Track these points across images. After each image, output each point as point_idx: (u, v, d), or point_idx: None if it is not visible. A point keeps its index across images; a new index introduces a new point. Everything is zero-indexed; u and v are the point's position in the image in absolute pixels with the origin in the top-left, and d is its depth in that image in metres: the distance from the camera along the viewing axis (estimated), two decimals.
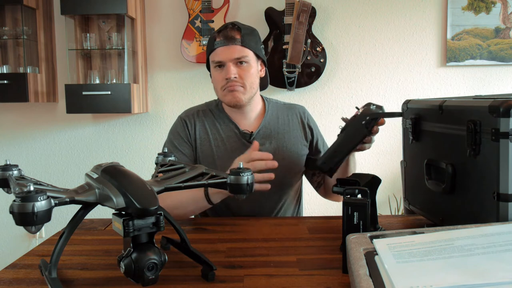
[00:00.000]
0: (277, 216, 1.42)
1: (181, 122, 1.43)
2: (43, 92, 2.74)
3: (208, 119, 1.42)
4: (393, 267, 0.67)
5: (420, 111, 1.13)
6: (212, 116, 1.43)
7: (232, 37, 1.30)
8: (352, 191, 0.87)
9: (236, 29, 1.32)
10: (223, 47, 1.30)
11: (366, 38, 2.85)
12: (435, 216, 1.08)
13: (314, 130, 1.48)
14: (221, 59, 1.31)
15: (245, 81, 1.32)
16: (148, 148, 2.91)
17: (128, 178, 0.80)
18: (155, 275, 0.73)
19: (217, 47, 1.31)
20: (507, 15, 2.77)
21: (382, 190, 2.80)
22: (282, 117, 1.45)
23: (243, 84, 1.32)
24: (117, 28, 2.79)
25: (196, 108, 1.47)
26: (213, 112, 1.44)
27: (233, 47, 1.30)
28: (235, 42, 1.30)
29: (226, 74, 1.30)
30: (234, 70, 1.30)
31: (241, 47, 1.30)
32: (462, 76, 2.85)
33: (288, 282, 0.82)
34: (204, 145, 1.39)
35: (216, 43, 1.31)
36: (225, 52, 1.30)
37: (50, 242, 1.08)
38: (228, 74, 1.30)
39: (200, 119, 1.43)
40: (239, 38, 1.31)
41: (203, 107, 1.47)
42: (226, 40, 1.30)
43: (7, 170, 0.89)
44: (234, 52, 1.30)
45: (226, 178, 0.87)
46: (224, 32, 1.31)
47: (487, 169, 0.85)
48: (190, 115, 1.44)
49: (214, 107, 1.45)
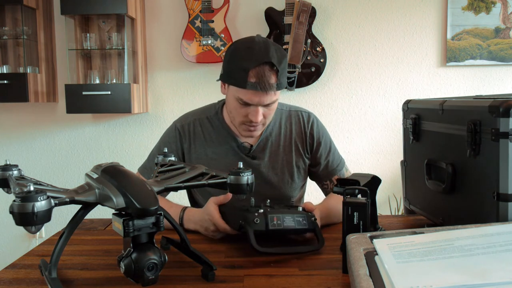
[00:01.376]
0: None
1: (174, 133, 1.35)
2: (43, 92, 2.74)
3: (205, 130, 1.33)
4: (393, 267, 0.67)
5: (420, 111, 1.13)
6: (210, 126, 1.33)
7: (269, 84, 1.13)
8: (352, 191, 0.87)
9: (273, 72, 1.14)
10: (257, 92, 1.14)
11: (366, 38, 2.85)
12: (435, 216, 1.08)
13: (316, 140, 1.35)
14: (252, 103, 1.17)
15: (267, 120, 1.24)
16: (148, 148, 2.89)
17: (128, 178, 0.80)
18: (155, 275, 0.73)
19: (249, 89, 1.14)
20: (507, 15, 2.77)
21: (382, 190, 2.80)
22: (285, 126, 1.34)
23: (264, 123, 1.24)
24: (117, 28, 2.79)
25: (192, 116, 1.36)
26: (212, 121, 1.34)
27: (268, 93, 1.15)
28: (271, 89, 1.14)
29: (252, 117, 1.18)
30: (262, 114, 1.19)
31: (275, 92, 1.17)
32: (462, 76, 2.85)
33: (288, 282, 0.82)
34: (200, 159, 1.31)
35: (250, 84, 1.13)
36: (258, 97, 1.15)
37: (50, 242, 1.08)
38: (255, 119, 1.18)
39: (197, 129, 1.34)
40: (275, 82, 1.15)
41: (200, 115, 1.36)
42: (262, 86, 1.13)
43: (7, 170, 0.89)
44: (267, 98, 1.16)
45: (226, 178, 0.87)
46: (260, 72, 1.12)
47: (487, 169, 0.85)
48: (186, 125, 1.34)
49: (213, 115, 1.35)
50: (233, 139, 1.31)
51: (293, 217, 0.99)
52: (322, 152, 1.35)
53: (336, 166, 1.37)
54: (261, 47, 1.15)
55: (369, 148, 2.90)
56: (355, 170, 1.67)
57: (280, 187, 1.33)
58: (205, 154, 1.32)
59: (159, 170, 0.98)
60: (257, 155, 1.32)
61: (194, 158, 1.32)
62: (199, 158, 1.32)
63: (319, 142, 1.35)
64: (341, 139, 2.88)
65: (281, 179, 1.32)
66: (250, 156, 1.31)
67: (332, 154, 1.37)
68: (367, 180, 0.97)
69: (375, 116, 2.88)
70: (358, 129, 2.89)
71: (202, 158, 1.32)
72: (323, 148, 1.36)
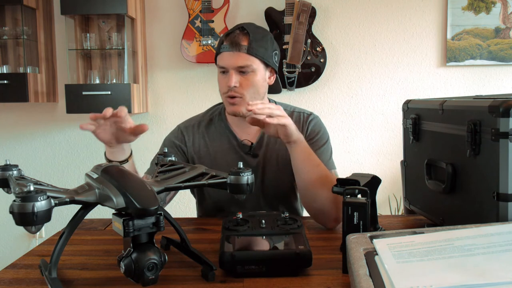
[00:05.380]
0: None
1: (178, 133, 1.38)
2: (43, 92, 2.74)
3: (208, 131, 1.37)
4: (393, 267, 0.67)
5: (420, 111, 1.13)
6: (213, 127, 1.37)
7: (238, 43, 1.23)
8: (352, 191, 0.87)
9: (244, 34, 1.24)
10: (228, 52, 1.24)
11: (366, 38, 2.85)
12: (435, 216, 1.08)
13: (311, 133, 1.34)
14: (225, 65, 1.25)
15: (245, 91, 1.25)
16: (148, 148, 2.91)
17: (128, 178, 0.80)
18: (155, 275, 0.73)
19: (222, 51, 1.25)
20: (507, 15, 2.77)
21: (382, 190, 2.80)
22: None
23: (242, 94, 1.25)
24: (117, 28, 2.79)
25: (197, 119, 1.41)
26: (215, 122, 1.38)
27: (238, 54, 1.23)
28: (240, 49, 1.23)
29: (228, 82, 1.25)
30: (236, 79, 1.24)
31: (246, 55, 1.23)
32: (462, 76, 2.85)
33: (288, 282, 0.82)
34: (205, 159, 1.33)
35: (223, 47, 1.25)
36: (229, 58, 1.24)
37: (50, 242, 1.08)
38: (229, 82, 1.24)
39: (201, 131, 1.37)
40: (246, 44, 1.23)
41: (204, 118, 1.40)
42: (232, 45, 1.23)
43: (7, 170, 0.89)
44: (238, 59, 1.23)
45: (226, 178, 0.87)
46: (232, 36, 1.24)
47: (487, 169, 0.85)
48: (190, 126, 1.38)
49: (217, 115, 1.39)
50: (233, 136, 1.34)
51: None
52: (313, 145, 1.30)
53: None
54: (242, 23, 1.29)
55: (369, 148, 2.90)
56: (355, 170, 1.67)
57: (281, 183, 1.33)
58: (207, 152, 1.34)
59: (159, 170, 0.98)
60: (257, 152, 1.33)
61: (196, 158, 1.34)
62: (201, 158, 1.34)
63: (314, 136, 1.33)
64: (341, 139, 2.88)
65: (276, 176, 1.33)
66: (251, 154, 1.32)
67: (321, 152, 1.30)
68: (367, 180, 0.97)
69: (375, 116, 2.88)
70: (358, 129, 2.89)
71: (205, 156, 1.34)
72: (315, 142, 1.32)
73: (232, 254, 0.83)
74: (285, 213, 0.99)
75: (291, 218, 0.98)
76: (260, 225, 0.95)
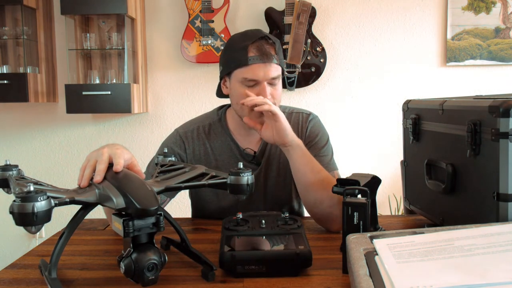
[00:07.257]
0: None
1: (177, 138, 1.33)
2: (43, 92, 2.74)
3: (209, 138, 1.32)
4: (393, 267, 0.67)
5: (420, 111, 1.13)
6: (213, 134, 1.32)
7: (269, 54, 1.17)
8: (352, 191, 0.87)
9: (270, 44, 1.19)
10: (260, 64, 1.16)
11: (366, 38, 2.85)
12: (435, 216, 1.08)
13: (310, 134, 1.32)
14: (258, 78, 1.17)
15: (277, 101, 1.22)
16: (148, 148, 2.91)
17: (128, 178, 0.80)
18: (155, 276, 0.73)
19: (252, 64, 1.16)
20: (507, 15, 2.77)
21: (382, 190, 2.80)
22: None
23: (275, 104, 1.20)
24: (117, 28, 2.79)
25: (196, 124, 1.35)
26: (215, 129, 1.33)
27: (270, 65, 1.17)
28: (272, 60, 1.17)
29: (262, 94, 1.17)
30: (269, 90, 1.19)
31: (277, 66, 1.19)
32: (462, 76, 2.85)
33: (288, 282, 0.82)
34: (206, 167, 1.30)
35: (252, 58, 1.16)
36: (262, 70, 1.16)
37: (50, 242, 1.08)
38: (264, 95, 1.17)
39: (200, 137, 1.32)
40: (274, 54, 1.18)
41: (203, 122, 1.34)
42: (263, 57, 1.16)
43: (7, 170, 0.89)
44: (270, 71, 1.17)
45: (226, 179, 0.87)
46: (259, 46, 1.17)
47: (487, 169, 0.85)
48: (189, 132, 1.33)
49: (216, 121, 1.34)
50: (236, 146, 1.31)
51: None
52: (314, 147, 1.29)
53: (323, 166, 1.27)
54: (253, 30, 1.22)
55: (369, 148, 2.89)
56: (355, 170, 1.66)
57: (284, 191, 1.32)
58: (208, 160, 1.31)
59: (159, 170, 0.98)
60: (260, 161, 1.31)
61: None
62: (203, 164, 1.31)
63: (314, 137, 1.32)
64: (341, 139, 2.88)
65: (284, 183, 1.31)
66: (254, 162, 1.30)
67: (322, 154, 1.29)
68: (367, 180, 0.97)
69: (375, 116, 2.88)
70: (358, 129, 2.89)
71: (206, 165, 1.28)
72: (316, 144, 1.31)
73: (232, 254, 0.84)
74: (285, 213, 0.99)
75: (291, 218, 0.98)
76: (260, 225, 0.95)
